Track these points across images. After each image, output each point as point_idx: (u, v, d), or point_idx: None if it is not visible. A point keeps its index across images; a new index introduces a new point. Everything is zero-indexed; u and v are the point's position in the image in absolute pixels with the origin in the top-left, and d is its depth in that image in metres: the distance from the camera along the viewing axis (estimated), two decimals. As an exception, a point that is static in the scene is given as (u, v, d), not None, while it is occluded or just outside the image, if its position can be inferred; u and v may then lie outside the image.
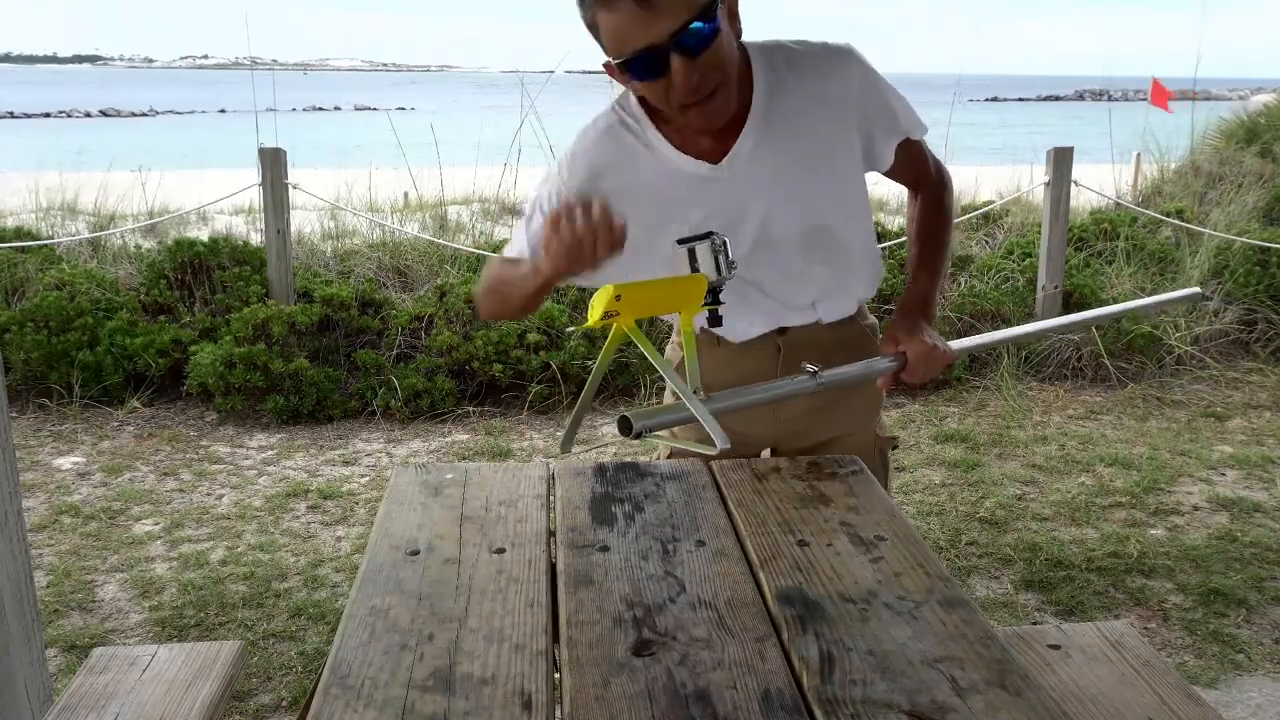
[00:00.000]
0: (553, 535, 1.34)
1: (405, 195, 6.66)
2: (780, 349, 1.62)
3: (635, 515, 1.38)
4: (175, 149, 16.77)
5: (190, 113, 41.38)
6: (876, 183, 1.67)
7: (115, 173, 6.70)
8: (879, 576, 1.20)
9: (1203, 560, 3.02)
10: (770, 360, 1.62)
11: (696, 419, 1.33)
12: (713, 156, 1.48)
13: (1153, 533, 3.23)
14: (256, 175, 4.88)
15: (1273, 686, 2.43)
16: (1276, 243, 5.25)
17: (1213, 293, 5.17)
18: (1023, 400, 4.48)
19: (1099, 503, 3.45)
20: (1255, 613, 2.74)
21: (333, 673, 1.03)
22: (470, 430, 4.22)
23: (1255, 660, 2.53)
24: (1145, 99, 7.42)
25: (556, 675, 1.05)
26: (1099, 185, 6.08)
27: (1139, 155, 7.07)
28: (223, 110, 39.46)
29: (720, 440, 1.30)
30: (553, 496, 1.46)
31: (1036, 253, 5.19)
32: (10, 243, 5.09)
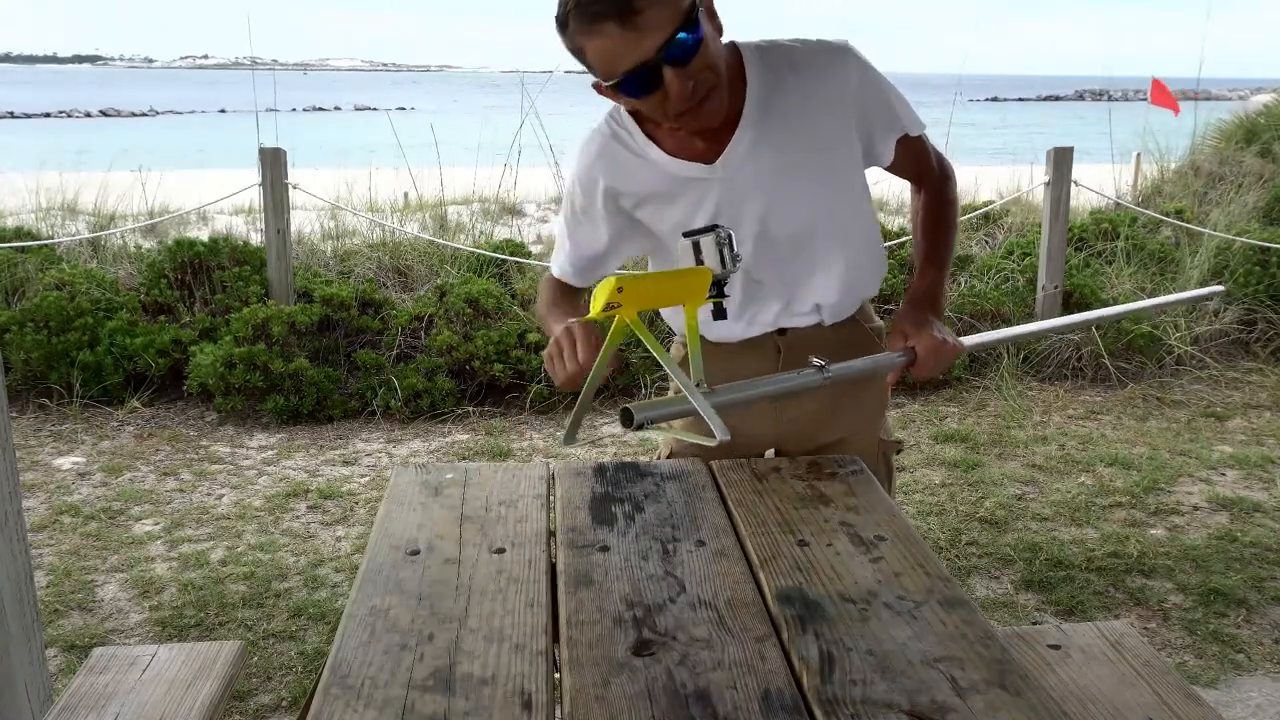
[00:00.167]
0: (553, 535, 1.34)
1: (405, 195, 6.66)
2: (780, 350, 1.62)
3: (635, 515, 1.38)
4: (175, 149, 16.77)
5: (190, 113, 41.38)
6: (876, 181, 1.66)
7: (115, 173, 6.70)
8: (879, 576, 1.20)
9: (1203, 560, 3.02)
10: (770, 361, 1.61)
11: (698, 412, 1.33)
12: (707, 157, 1.49)
13: (1153, 533, 3.23)
14: (256, 175, 4.88)
15: (1273, 686, 2.43)
16: (1276, 243, 5.25)
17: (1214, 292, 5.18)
18: (1023, 400, 4.48)
19: (1099, 503, 3.45)
20: (1255, 613, 2.74)
21: (333, 673, 1.03)
22: (470, 430, 4.22)
23: (1255, 660, 2.53)
24: (1145, 99, 7.42)
25: (556, 675, 1.05)
26: (1099, 185, 6.08)
27: (1139, 155, 7.07)
28: (223, 110, 39.46)
29: (720, 432, 1.29)
30: (553, 496, 1.46)
31: (1036, 253, 5.19)
32: (10, 243, 5.09)
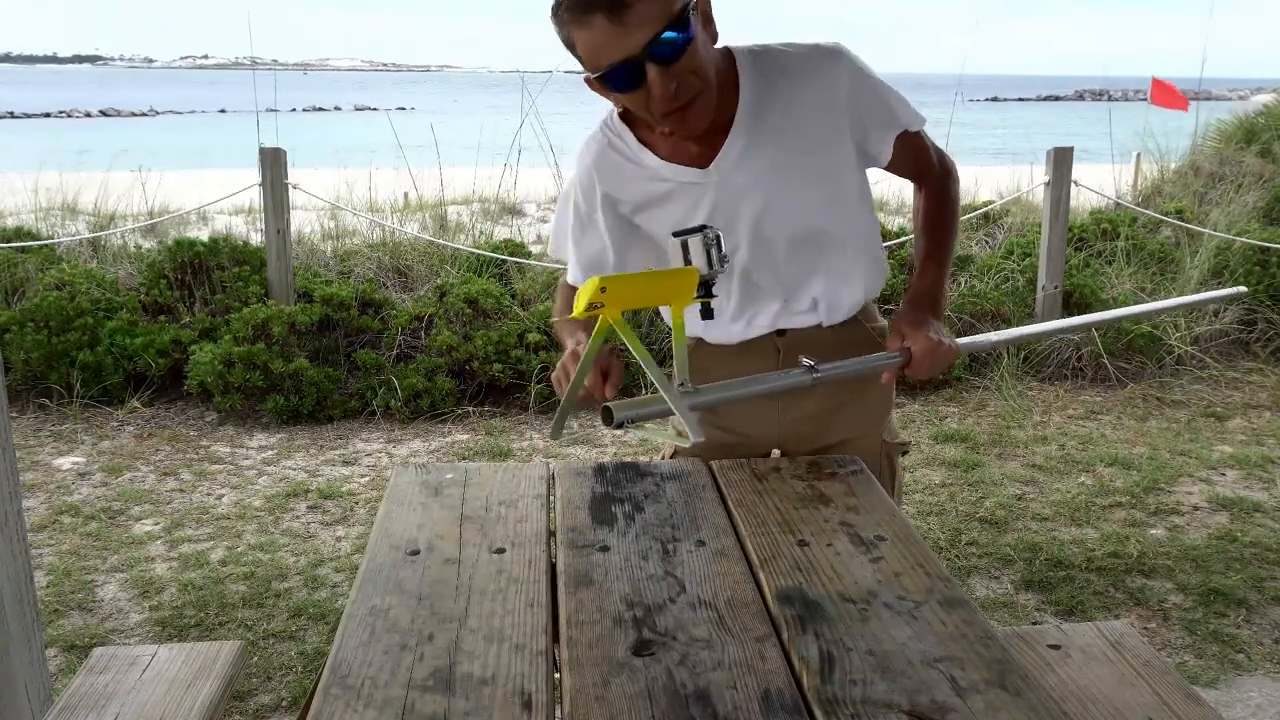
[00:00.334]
0: (553, 535, 1.34)
1: (405, 195, 6.66)
2: (780, 351, 1.62)
3: (635, 515, 1.38)
4: (175, 149, 16.77)
5: (190, 113, 41.38)
6: (876, 181, 1.66)
7: (115, 173, 6.70)
8: (879, 576, 1.20)
9: (1203, 560, 3.02)
10: (770, 362, 1.61)
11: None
12: (701, 162, 1.49)
13: (1153, 533, 3.23)
14: (256, 175, 4.88)
15: (1273, 686, 2.43)
16: (1276, 243, 5.25)
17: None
18: (1023, 400, 4.48)
19: (1099, 503, 3.45)
20: (1255, 613, 2.74)
21: (333, 673, 1.03)
22: (470, 430, 4.22)
23: (1255, 660, 2.53)
24: (1145, 99, 7.41)
25: (556, 675, 1.05)
26: (1099, 185, 6.08)
27: (1139, 155, 7.07)
28: (223, 110, 39.46)
29: (694, 433, 1.30)
30: (553, 496, 1.46)
31: (1036, 253, 5.19)
32: (10, 243, 5.09)
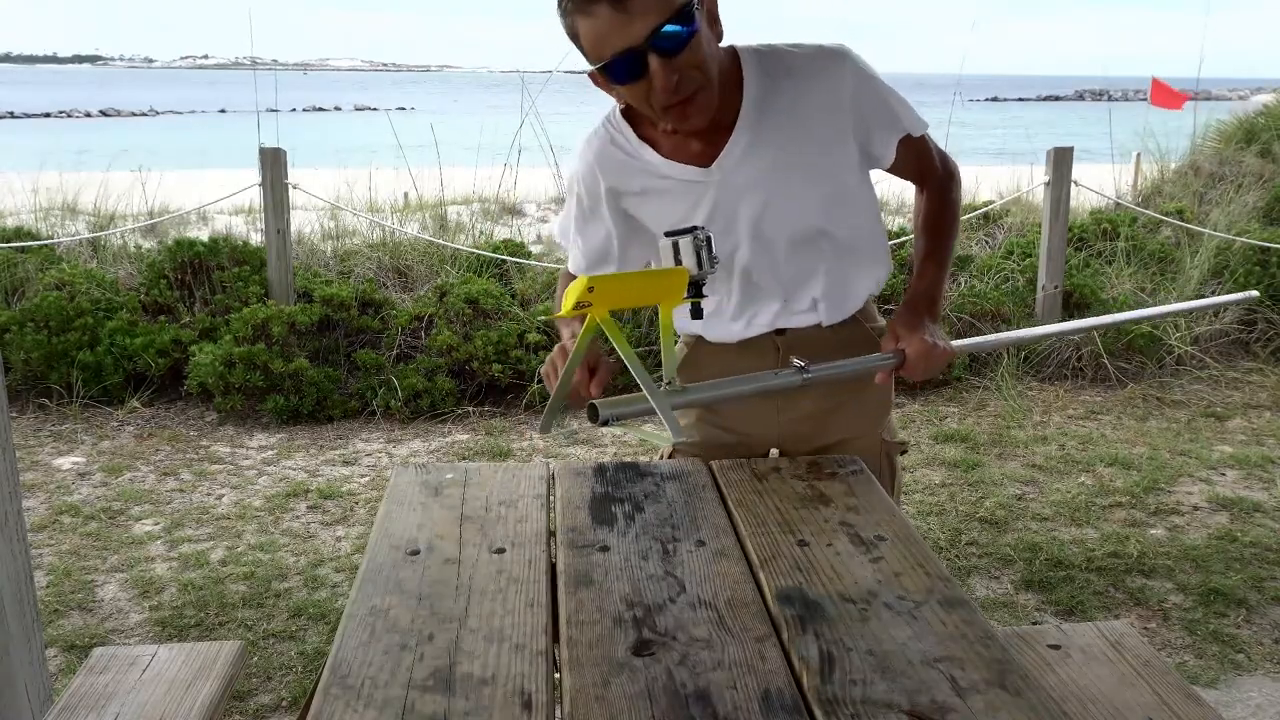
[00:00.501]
0: (553, 535, 1.34)
1: (405, 195, 6.66)
2: (779, 350, 1.62)
3: (635, 515, 1.38)
4: (175, 149, 16.78)
5: (190, 113, 41.38)
6: (876, 181, 1.66)
7: (115, 173, 6.70)
8: (879, 576, 1.20)
9: (1203, 560, 3.02)
10: (769, 362, 1.61)
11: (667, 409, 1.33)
12: (703, 161, 1.49)
13: (1153, 533, 3.23)
14: (256, 175, 4.88)
15: (1273, 686, 2.43)
16: (1276, 243, 5.25)
17: (1212, 292, 5.17)
18: (1023, 400, 4.48)
19: (1099, 503, 3.45)
20: (1255, 613, 2.74)
21: (333, 673, 1.03)
22: (470, 430, 4.22)
23: (1255, 660, 2.53)
24: (1145, 99, 7.41)
25: (556, 675, 1.05)
26: (1099, 185, 6.08)
27: (1139, 155, 7.07)
28: (223, 110, 39.46)
29: (675, 432, 1.30)
30: (553, 496, 1.46)
31: (1036, 253, 5.19)
32: (10, 243, 5.09)
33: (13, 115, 34.41)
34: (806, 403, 1.62)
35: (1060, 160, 5.03)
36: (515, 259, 5.20)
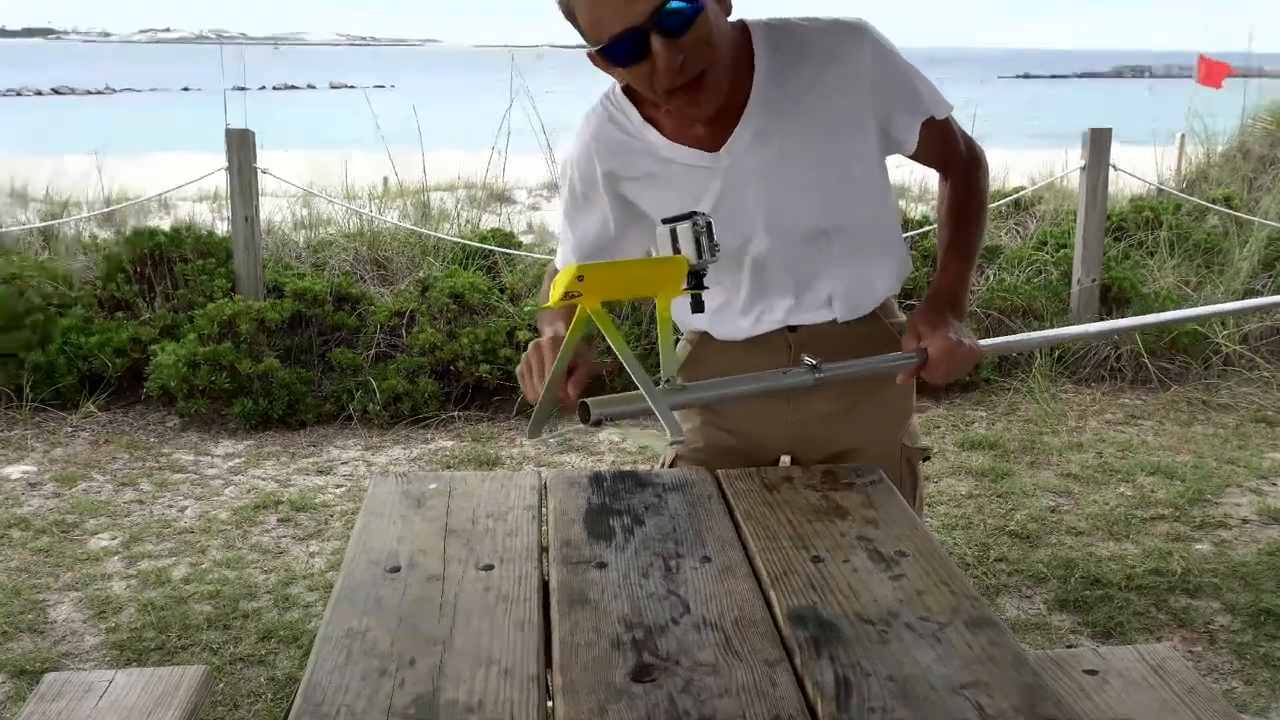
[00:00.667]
0: (545, 550, 1.34)
1: (385, 181, 6.65)
2: (791, 347, 1.62)
3: (635, 529, 1.38)
4: (134, 130, 16.79)
5: (150, 91, 41.40)
6: (898, 165, 1.66)
7: (68, 156, 6.71)
8: (900, 595, 1.20)
9: (1252, 578, 3.02)
10: (780, 360, 1.62)
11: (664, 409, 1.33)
12: (709, 144, 1.49)
13: (1198, 548, 3.23)
14: (223, 159, 4.88)
15: (1328, 715, 2.43)
16: (1333, 232, 5.26)
17: (1263, 287, 5.17)
18: (1056, 404, 4.49)
19: (1139, 515, 3.45)
20: (1309, 635, 2.74)
21: (306, 700, 1.03)
22: (455, 436, 4.22)
23: (1309, 686, 2.53)
24: (1190, 76, 7.41)
25: (549, 703, 1.05)
26: (1139, 170, 6.08)
27: (1183, 137, 7.06)
28: (186, 88, 39.46)
29: (672, 432, 1.30)
30: (545, 508, 1.46)
31: (1071, 243, 5.20)
32: (-45, 232, 5.09)
33: (-44, 94, 34.41)
34: (820, 404, 1.62)
35: (1097, 142, 5.03)
36: (504, 250, 5.21)
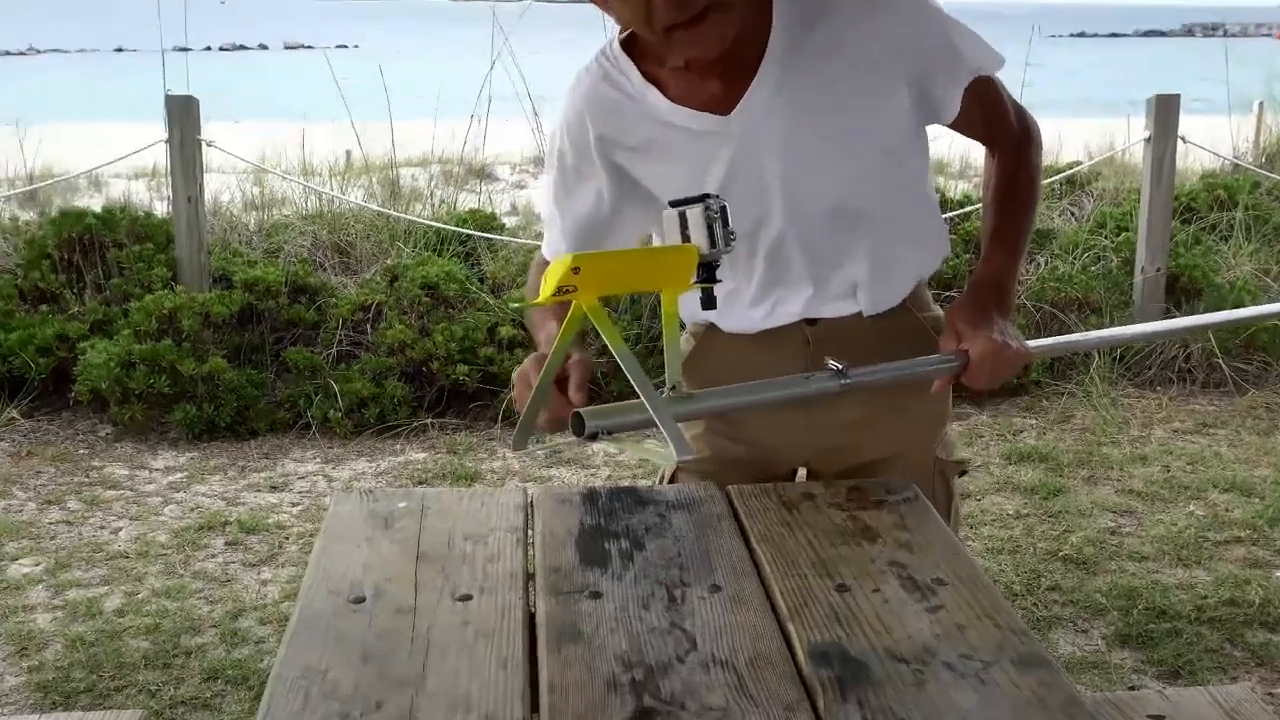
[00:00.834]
0: (531, 578, 1.34)
1: (347, 155, 6.66)
2: (809, 343, 1.62)
3: (634, 553, 1.38)
4: (61, 97, 16.78)
5: (79, 52, 41.38)
6: (935, 137, 1.66)
7: (-15, 127, 6.71)
8: (938, 630, 1.20)
9: (1341, 609, 3.03)
10: (795, 357, 1.62)
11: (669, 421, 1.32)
12: (720, 107, 1.49)
13: (1279, 575, 3.23)
14: (162, 130, 4.88)
15: None
16: None
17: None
18: (1117, 410, 4.49)
19: (1212, 538, 3.45)
20: (1407, 675, 2.74)
21: (257, 749, 1.03)
22: (428, 447, 4.22)
23: (1407, 734, 2.53)
24: (1270, 34, 7.41)
25: (536, 752, 1.05)
26: (1212, 142, 6.08)
27: (1261, 105, 7.06)
28: (119, 49, 39.46)
29: (678, 449, 1.29)
30: (532, 530, 1.46)
31: (1134, 226, 5.20)
32: None
33: None
34: (843, 410, 1.61)
35: (1163, 110, 5.03)
36: (485, 234, 5.21)
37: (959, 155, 7.02)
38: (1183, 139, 5.16)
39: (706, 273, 1.35)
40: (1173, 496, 3.76)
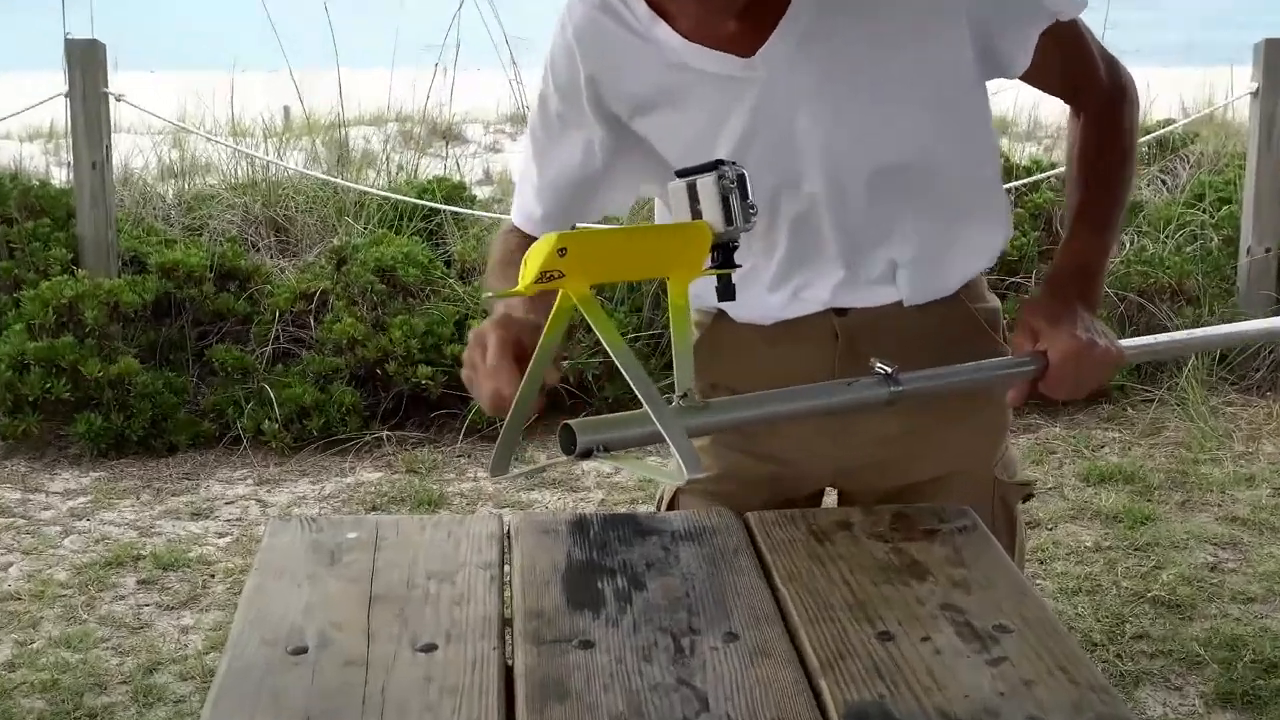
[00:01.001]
0: (509, 624, 1.34)
1: (286, 112, 6.67)
2: (838, 336, 1.62)
3: (633, 594, 1.38)
4: (-62, 42, 16.78)
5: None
6: (998, 90, 1.66)
7: None
8: (1001, 686, 1.21)
9: None
10: (822, 354, 1.62)
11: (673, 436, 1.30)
12: (742, 47, 1.48)
13: None
14: (61, 81, 4.88)
15: None
16: None
17: None
18: (1217, 420, 4.48)
19: (1333, 575, 3.46)
20: None
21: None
22: (384, 465, 4.22)
23: None
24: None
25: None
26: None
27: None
28: (9, -17, 39.53)
29: (690, 467, 1.26)
30: (509, 565, 1.46)
31: (1238, 198, 5.20)
32: None
33: None
34: (882, 419, 1.60)
35: (1274, 58, 5.03)
36: (452, 207, 5.21)
37: (1026, 112, 7.01)
38: (1297, 92, 5.16)
39: (722, 256, 1.33)
40: (1285, 525, 3.76)
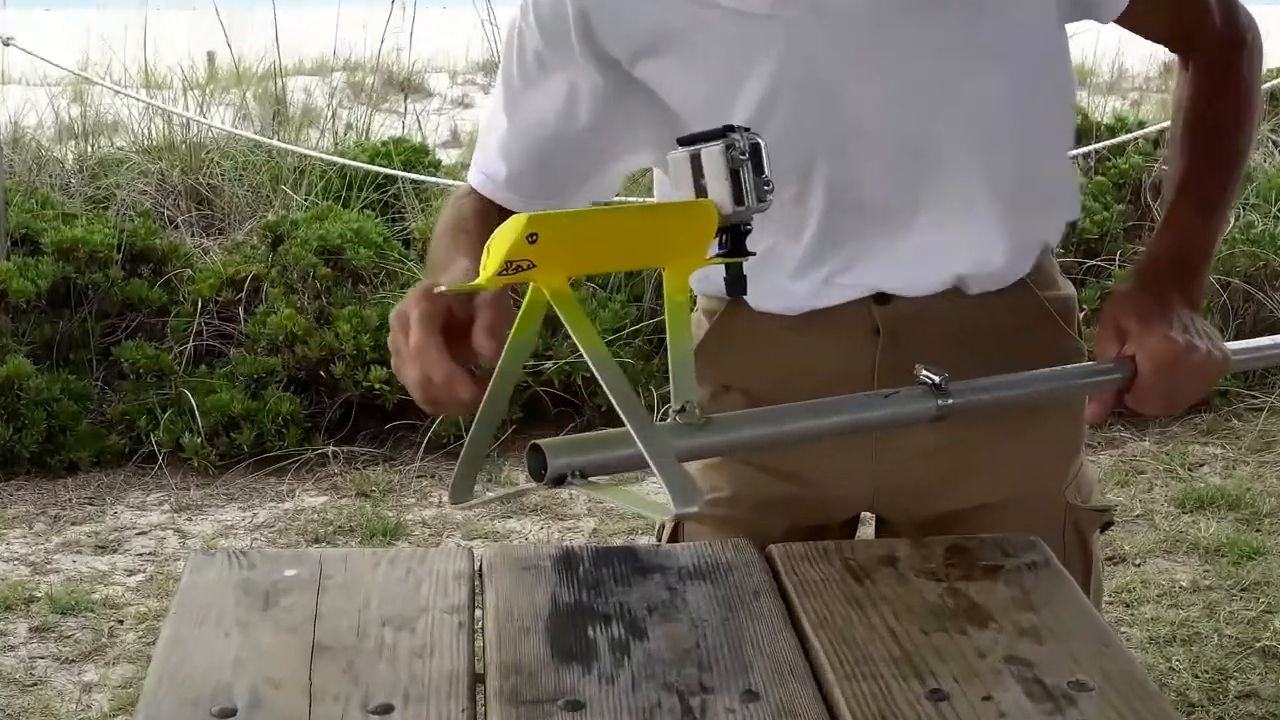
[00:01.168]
0: (481, 681, 1.34)
1: (210, 58, 6.67)
2: (879, 331, 1.63)
3: (631, 644, 1.38)
4: None
5: None
6: (1075, 33, 1.65)
7: None
8: (1078, 755, 1.21)
9: None
10: (860, 350, 1.62)
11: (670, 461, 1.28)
12: None
13: None
14: (-63, 22, 4.90)
15: None
16: None
17: None
18: (1340, 434, 4.49)
19: None
20: None
21: None
22: (330, 488, 4.22)
23: None
24: None
25: None
26: None
27: None
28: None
29: (680, 500, 1.24)
30: (481, 610, 1.46)
31: (1366, 164, 5.20)
32: None
33: None
34: (927, 431, 1.60)
35: None
36: (411, 175, 5.21)
37: (1108, 59, 7.02)
38: None
39: (733, 241, 1.32)
40: None
